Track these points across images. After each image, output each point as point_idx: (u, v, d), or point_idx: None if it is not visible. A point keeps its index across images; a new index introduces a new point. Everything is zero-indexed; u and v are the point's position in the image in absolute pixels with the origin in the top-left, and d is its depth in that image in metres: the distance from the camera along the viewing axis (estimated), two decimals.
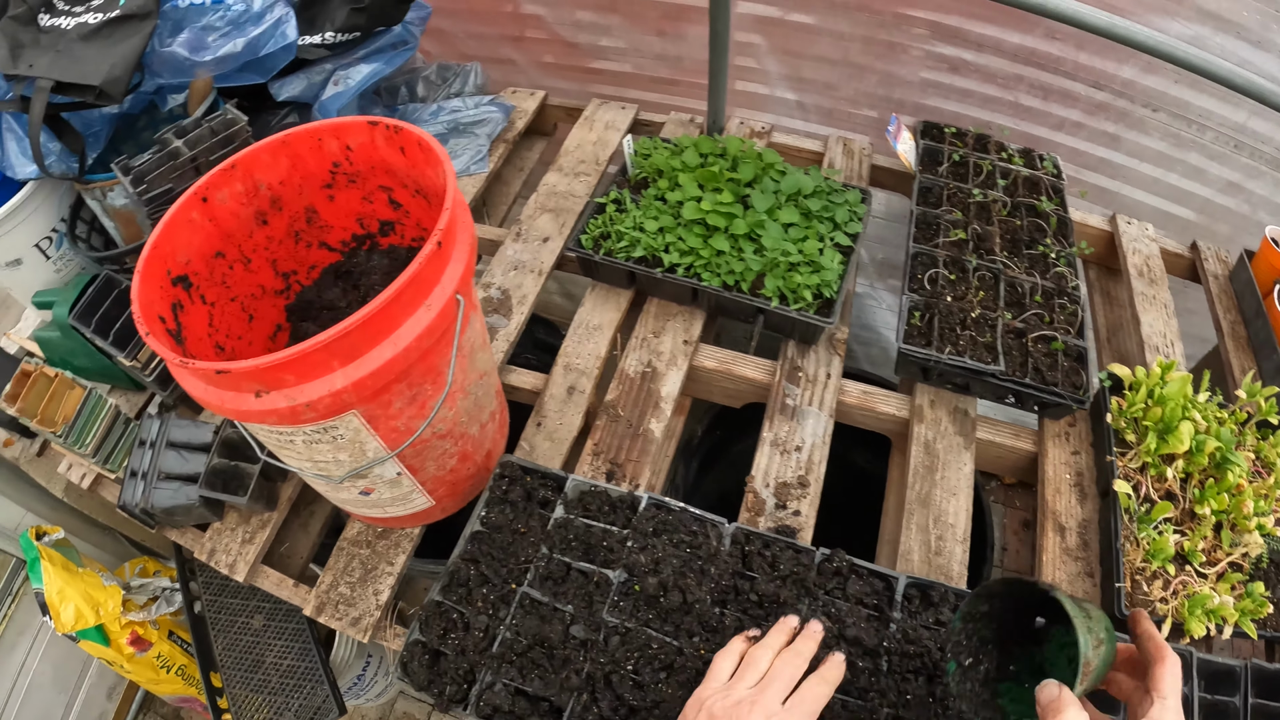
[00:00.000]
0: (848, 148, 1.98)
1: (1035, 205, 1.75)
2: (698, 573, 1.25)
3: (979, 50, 1.83)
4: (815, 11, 1.88)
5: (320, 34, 1.82)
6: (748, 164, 1.68)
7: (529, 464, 1.40)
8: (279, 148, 1.23)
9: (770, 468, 1.49)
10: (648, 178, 1.76)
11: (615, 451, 1.51)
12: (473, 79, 2.09)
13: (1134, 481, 1.51)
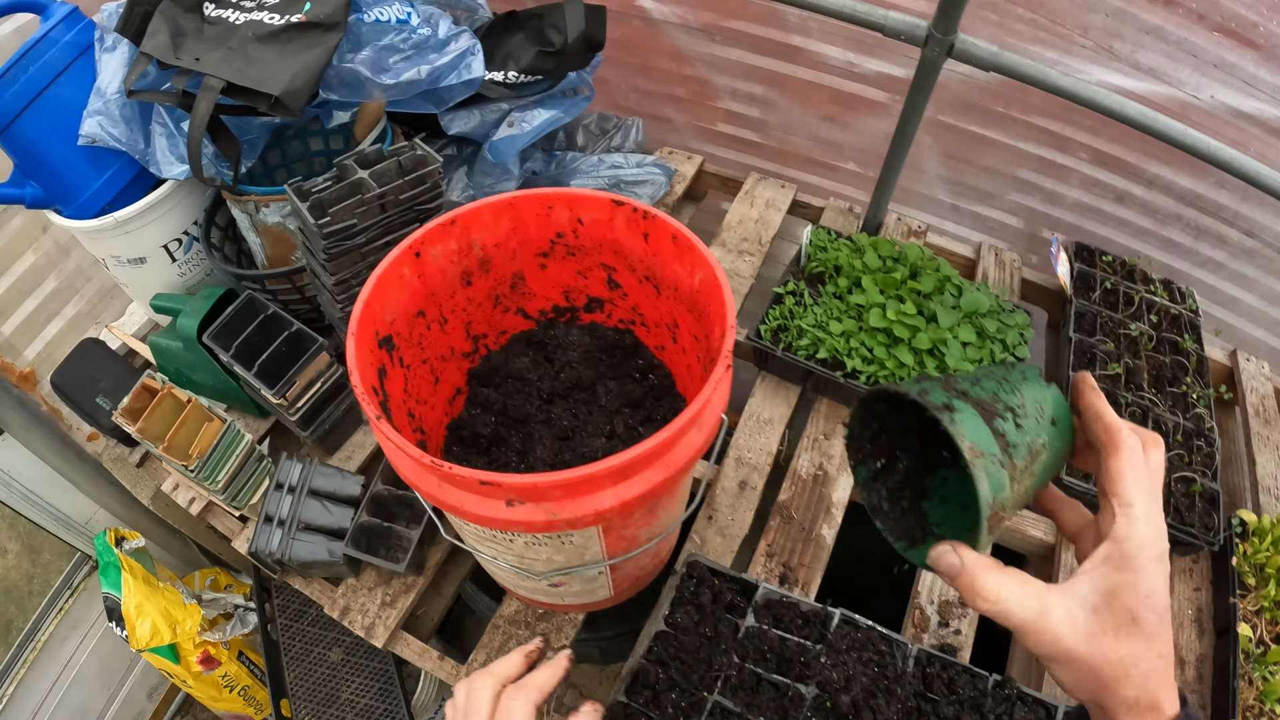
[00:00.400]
0: (999, 258, 2.03)
1: (1178, 343, 1.85)
2: (885, 693, 1.28)
3: (1149, 187, 1.91)
4: (989, 123, 1.93)
5: (502, 72, 1.78)
6: (928, 276, 1.74)
7: (717, 566, 1.40)
8: (503, 209, 1.20)
9: (934, 586, 1.53)
10: (824, 272, 1.81)
11: (788, 554, 1.52)
12: (634, 134, 2.07)
13: (1251, 623, 1.64)
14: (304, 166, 1.86)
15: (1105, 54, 1.68)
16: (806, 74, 2.01)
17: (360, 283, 1.43)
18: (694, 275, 1.13)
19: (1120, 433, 0.66)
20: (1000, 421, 0.65)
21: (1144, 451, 0.66)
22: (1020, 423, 0.66)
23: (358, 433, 1.68)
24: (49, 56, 1.51)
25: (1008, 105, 1.87)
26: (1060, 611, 0.62)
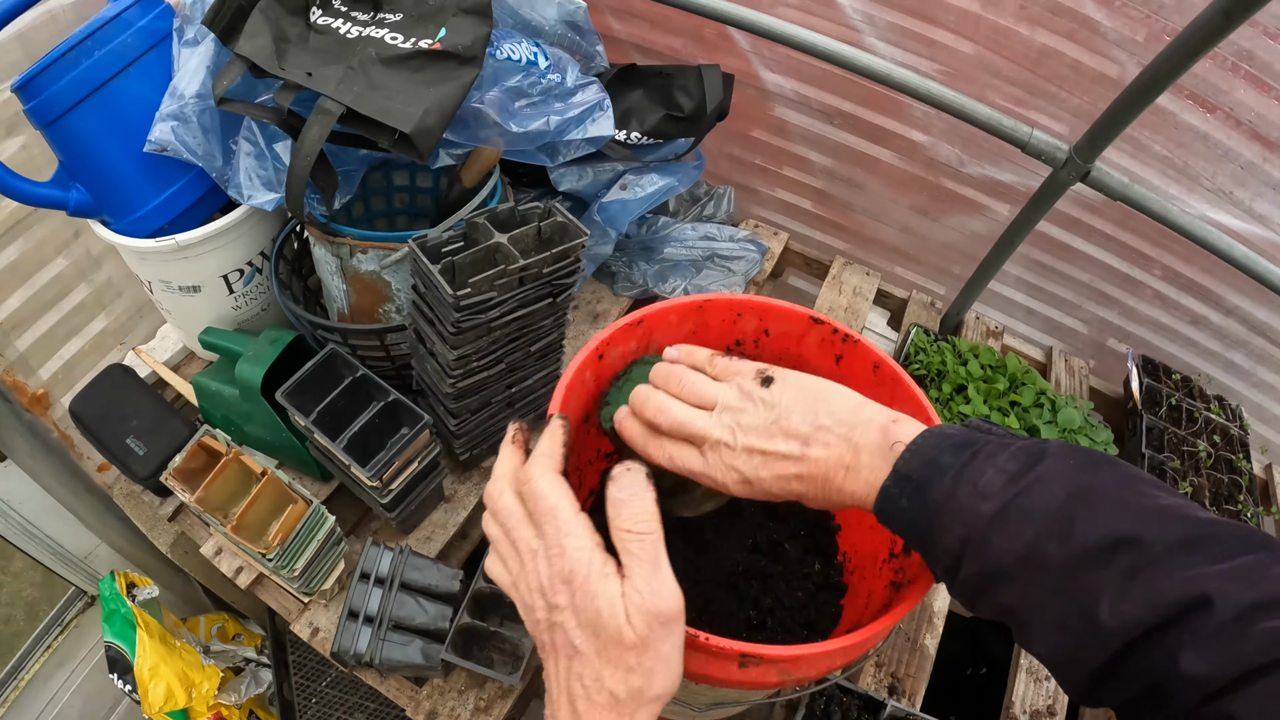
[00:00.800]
0: (1069, 365, 1.99)
1: (1233, 461, 1.92)
2: None
3: (1226, 315, 1.97)
4: (1074, 231, 1.95)
5: (624, 131, 1.62)
6: (1028, 390, 1.72)
7: (843, 683, 1.31)
8: (692, 312, 1.09)
9: (1026, 695, 1.47)
10: (926, 375, 1.76)
11: (895, 665, 1.44)
12: (725, 204, 1.94)
13: None
14: (382, 201, 1.62)
15: (1225, 198, 1.74)
16: (908, 165, 1.93)
17: (482, 357, 1.27)
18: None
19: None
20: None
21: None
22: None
23: (438, 511, 1.49)
24: (119, 42, 1.25)
25: (1093, 216, 1.89)
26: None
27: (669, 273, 1.78)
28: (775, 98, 1.95)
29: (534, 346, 1.35)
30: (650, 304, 1.07)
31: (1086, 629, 0.53)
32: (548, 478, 0.67)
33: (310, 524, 1.26)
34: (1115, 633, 0.52)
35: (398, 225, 1.66)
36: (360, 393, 1.32)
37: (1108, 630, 0.52)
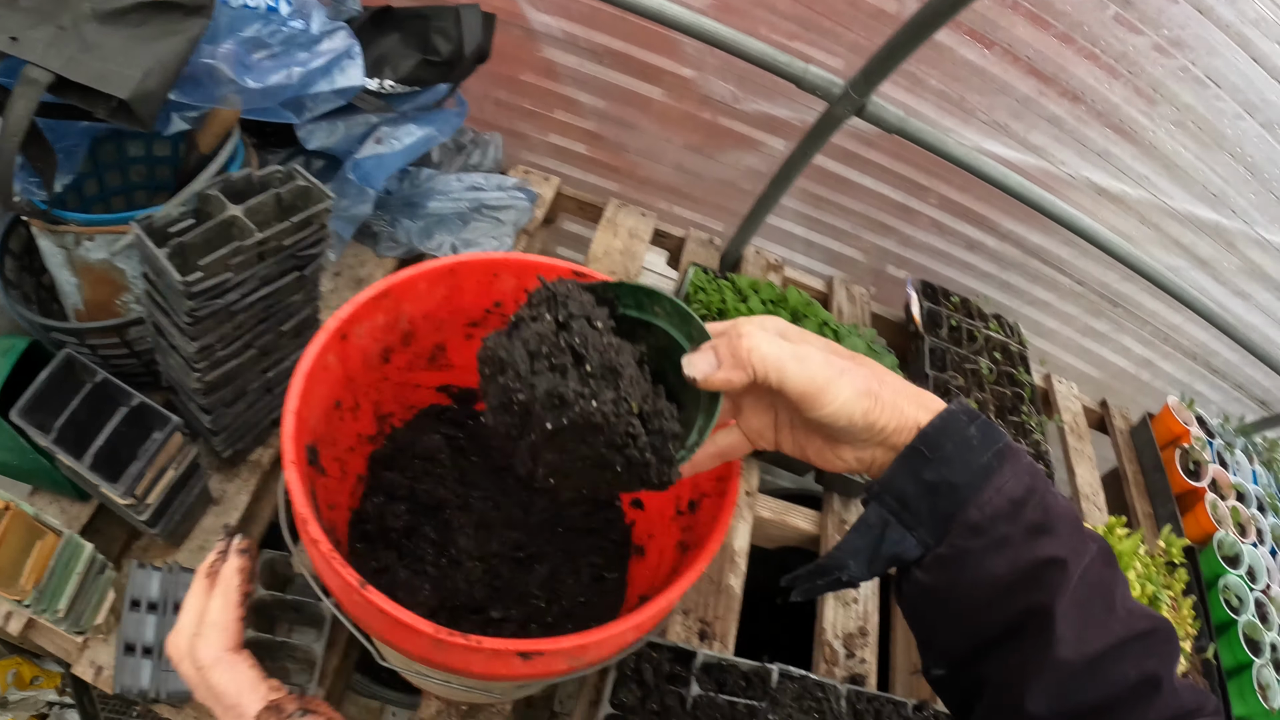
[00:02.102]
0: (850, 293, 2.10)
1: (1014, 375, 2.02)
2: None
3: (1001, 239, 2.07)
4: (851, 165, 2.00)
5: (376, 80, 1.54)
6: (809, 322, 1.76)
7: (652, 638, 1.33)
8: (443, 277, 1.04)
9: (836, 619, 1.57)
10: (706, 315, 1.76)
11: (703, 610, 1.48)
12: (492, 151, 1.89)
13: None
14: (118, 176, 1.48)
15: (999, 130, 1.81)
16: (682, 104, 1.97)
17: (227, 345, 1.17)
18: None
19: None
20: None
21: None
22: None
23: (207, 516, 1.40)
24: None
25: (871, 150, 1.96)
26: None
27: (434, 229, 1.71)
28: (543, 38, 1.95)
29: (285, 326, 1.25)
30: (402, 269, 1.03)
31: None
32: (222, 668, 0.72)
33: (65, 557, 1.15)
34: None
35: (136, 202, 1.51)
36: (103, 400, 1.19)
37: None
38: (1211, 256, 2.15)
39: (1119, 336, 2.49)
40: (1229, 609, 2.05)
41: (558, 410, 0.66)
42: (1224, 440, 2.36)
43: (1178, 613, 1.94)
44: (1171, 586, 2.03)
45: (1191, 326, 2.40)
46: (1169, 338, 2.46)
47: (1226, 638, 2.04)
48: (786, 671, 1.37)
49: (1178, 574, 2.03)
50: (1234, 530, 2.16)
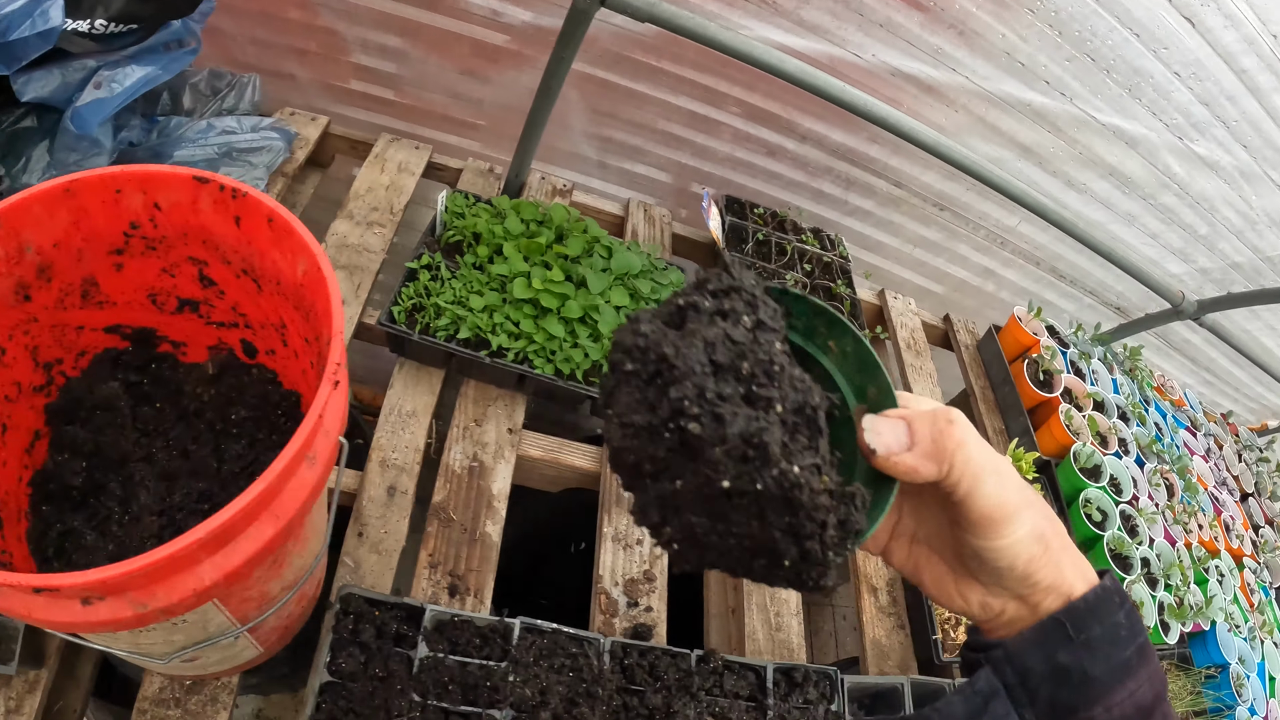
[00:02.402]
0: (649, 214, 1.96)
1: (831, 288, 1.86)
2: (587, 697, 1.17)
3: (801, 141, 1.91)
4: (640, 78, 1.83)
5: (88, 20, 1.41)
6: (576, 238, 1.58)
7: (374, 595, 1.19)
8: (60, 198, 0.91)
9: (616, 565, 1.42)
10: (463, 241, 1.59)
11: (454, 562, 1.33)
12: (249, 93, 1.74)
13: None
14: None
15: (769, 9, 1.63)
16: (447, 23, 1.80)
17: None
18: (296, 266, 0.92)
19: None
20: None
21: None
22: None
23: None
24: None
25: (659, 58, 1.79)
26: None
27: None
28: None
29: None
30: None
31: None
32: None
33: None
34: None
35: None
36: None
37: None
38: (1035, 142, 2.00)
39: (953, 245, 2.36)
40: (1091, 524, 1.89)
41: (750, 466, 0.47)
42: (1080, 350, 2.22)
43: None
44: None
45: (1029, 228, 2.27)
46: (1006, 241, 2.32)
47: (1091, 555, 1.89)
48: (532, 626, 1.22)
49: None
50: (1093, 441, 2.01)
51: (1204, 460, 2.39)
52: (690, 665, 1.27)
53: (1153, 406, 2.37)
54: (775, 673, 1.32)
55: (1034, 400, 2.04)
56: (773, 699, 1.28)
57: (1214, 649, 2.00)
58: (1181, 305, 2.08)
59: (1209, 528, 2.20)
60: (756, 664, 1.32)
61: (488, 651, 1.19)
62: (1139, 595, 1.84)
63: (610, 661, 1.23)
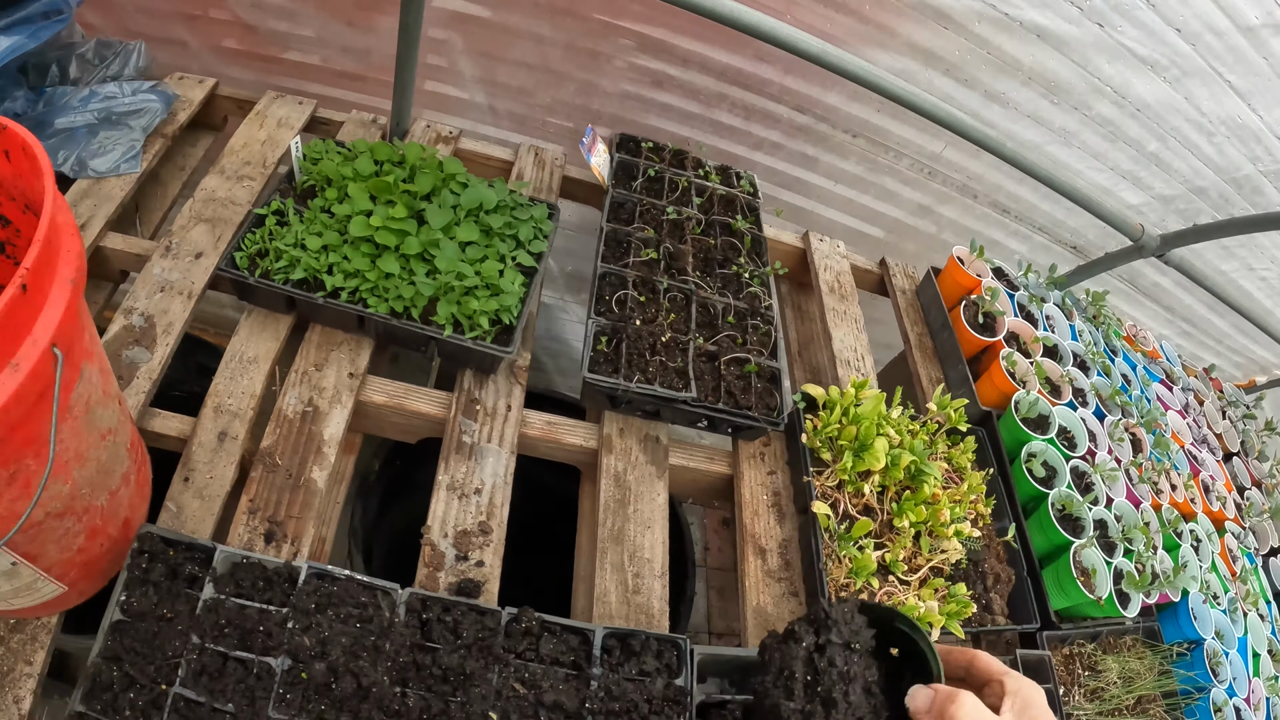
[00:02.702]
0: (539, 157, 1.87)
1: (730, 224, 1.73)
2: (372, 651, 1.08)
3: (684, 66, 1.79)
4: (517, 12, 1.74)
5: None
6: (426, 174, 1.50)
7: (171, 534, 1.14)
8: None
9: (448, 515, 1.33)
10: (316, 186, 1.53)
11: (274, 508, 1.27)
12: (135, 60, 1.75)
13: (832, 499, 1.51)
14: None
15: None
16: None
17: None
18: (41, 191, 0.84)
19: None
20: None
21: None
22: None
23: None
24: None
25: None
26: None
27: (59, 147, 1.60)
28: None
29: None
30: None
31: None
32: None
33: None
34: None
35: None
36: None
37: None
38: (940, 47, 1.80)
39: (878, 178, 2.17)
40: (1035, 481, 1.71)
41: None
42: (1032, 294, 2.02)
43: (960, 486, 1.62)
44: (953, 457, 1.70)
45: (956, 154, 2.06)
46: (935, 171, 2.11)
47: (1034, 519, 1.70)
48: (323, 572, 1.14)
49: (964, 443, 1.71)
50: (1042, 390, 1.82)
51: (1181, 416, 2.15)
52: (499, 624, 1.15)
53: (1120, 357, 2.14)
54: (607, 638, 1.19)
55: (974, 346, 1.86)
56: (599, 668, 1.15)
57: (1186, 623, 1.78)
58: (1142, 240, 1.86)
59: (1184, 488, 1.97)
60: (584, 627, 1.19)
61: (270, 596, 1.12)
62: (1090, 561, 1.65)
63: (407, 615, 1.14)
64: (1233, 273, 2.49)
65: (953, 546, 1.53)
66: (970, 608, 1.45)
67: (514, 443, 1.43)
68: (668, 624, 1.35)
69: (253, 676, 1.05)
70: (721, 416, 1.47)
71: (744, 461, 1.56)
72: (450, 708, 1.09)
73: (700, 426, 1.53)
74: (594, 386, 1.43)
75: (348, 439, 1.48)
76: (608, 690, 1.14)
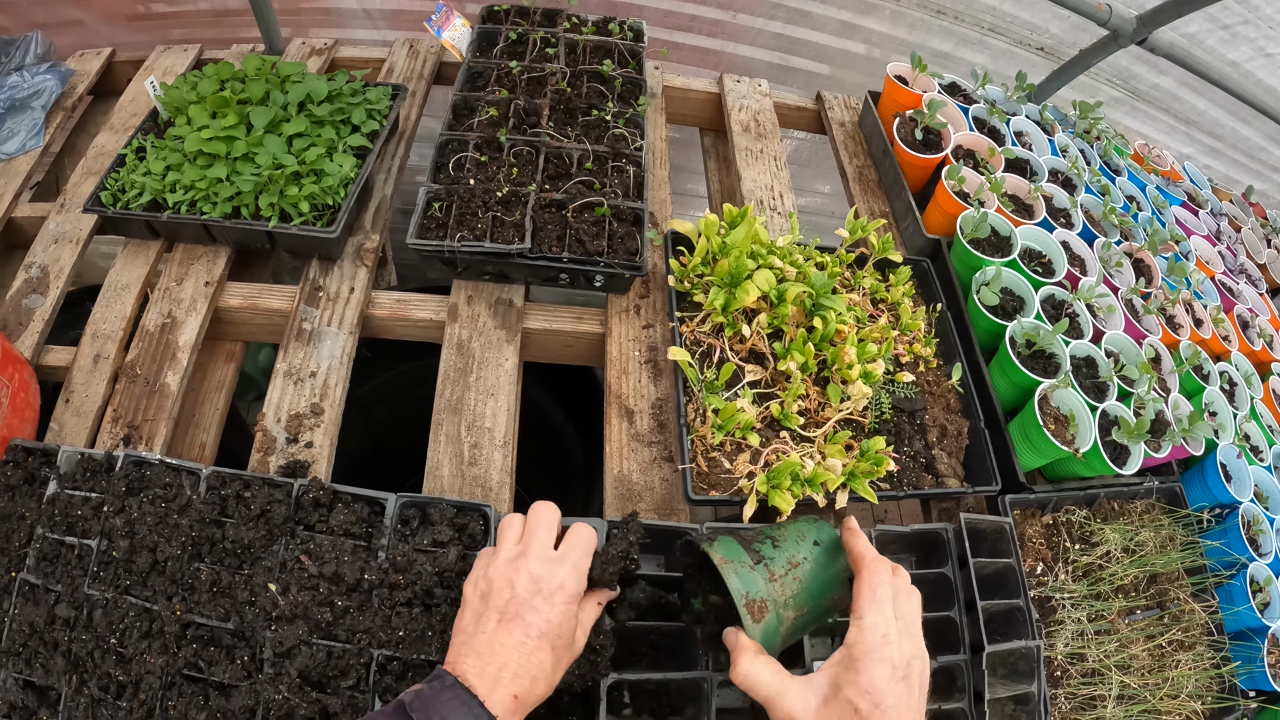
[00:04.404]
0: (413, 49, 1.81)
1: (599, 71, 1.59)
2: (171, 528, 1.11)
3: None
4: None
5: None
6: (256, 82, 1.50)
7: (30, 444, 1.24)
8: None
9: (282, 401, 1.33)
10: (173, 118, 1.57)
11: (133, 414, 1.33)
12: (34, 48, 1.87)
13: (706, 346, 1.35)
14: None
15: None
16: None
17: None
18: None
19: (863, 559, 0.86)
20: (758, 544, 0.93)
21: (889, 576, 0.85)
22: (778, 544, 0.93)
23: None
24: None
25: None
26: (794, 695, 0.81)
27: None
28: None
29: None
30: None
31: None
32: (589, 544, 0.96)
33: None
34: None
35: None
36: None
37: None
38: None
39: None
40: (989, 313, 1.43)
41: None
42: (996, 107, 1.69)
43: (878, 323, 1.39)
44: (876, 292, 1.47)
45: None
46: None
47: (996, 358, 1.43)
48: (139, 459, 1.18)
49: (896, 274, 1.47)
50: (1005, 210, 1.53)
51: (1209, 242, 1.74)
52: (290, 496, 1.13)
53: (1125, 177, 1.76)
54: (405, 507, 1.14)
55: (919, 169, 1.60)
56: (388, 538, 1.11)
57: (1215, 482, 1.43)
58: (1110, 21, 1.50)
59: (1213, 323, 1.59)
60: (378, 496, 1.14)
61: (94, 485, 1.18)
62: (1067, 406, 1.36)
63: (208, 493, 1.15)
64: (1246, 63, 1.97)
65: (858, 391, 1.31)
66: (885, 464, 1.23)
67: (354, 323, 1.40)
68: (508, 496, 1.26)
69: (76, 558, 1.13)
70: (568, 267, 1.35)
71: (614, 317, 1.43)
72: (237, 580, 1.09)
73: (562, 283, 1.41)
74: (422, 252, 1.36)
75: (228, 348, 1.53)
76: (393, 561, 1.09)
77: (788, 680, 0.83)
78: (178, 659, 1.05)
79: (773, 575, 0.89)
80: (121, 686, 1.04)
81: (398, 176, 1.60)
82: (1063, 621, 1.30)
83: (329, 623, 1.06)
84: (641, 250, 1.38)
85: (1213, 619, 1.37)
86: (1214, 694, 1.34)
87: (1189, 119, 2.26)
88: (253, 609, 1.06)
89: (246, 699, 1.01)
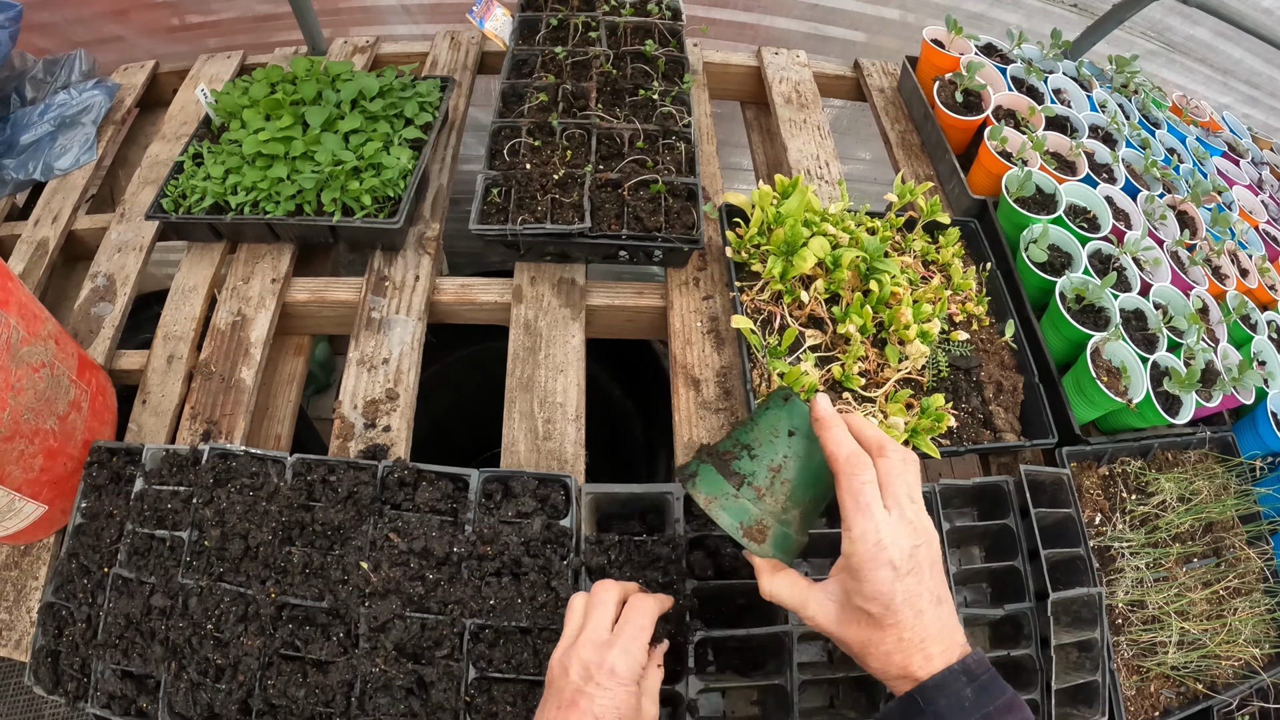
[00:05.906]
0: (455, 41, 1.84)
1: (642, 51, 1.61)
2: (260, 515, 1.15)
3: None
4: None
5: None
6: (307, 83, 1.53)
7: (114, 445, 1.28)
8: None
9: (357, 388, 1.37)
10: (226, 123, 1.60)
11: (210, 410, 1.37)
12: (78, 66, 1.91)
13: (766, 313, 1.37)
14: None
15: None
16: None
17: None
18: None
19: (836, 462, 0.84)
20: (736, 462, 0.89)
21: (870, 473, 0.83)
22: (754, 453, 0.89)
23: None
24: None
25: None
26: (815, 605, 0.86)
27: (29, 159, 1.79)
28: None
29: None
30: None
31: None
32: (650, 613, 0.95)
33: None
34: None
35: None
36: None
37: None
38: None
39: None
40: (1038, 270, 1.45)
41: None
42: (1034, 66, 1.69)
43: (932, 283, 1.41)
44: (928, 253, 1.49)
45: None
46: None
47: (1050, 314, 1.44)
48: (224, 451, 1.22)
49: (945, 236, 1.48)
50: (1048, 167, 1.54)
51: (1252, 192, 1.74)
52: (375, 478, 1.17)
53: (1165, 129, 1.76)
54: (488, 482, 1.18)
55: (961, 131, 1.61)
56: (473, 512, 1.15)
57: (1267, 429, 1.44)
58: None
59: (1258, 273, 1.60)
60: (461, 473, 1.18)
61: (181, 479, 1.22)
62: (1119, 358, 1.37)
63: (294, 479, 1.19)
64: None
65: (916, 350, 1.33)
66: (945, 421, 1.25)
67: (421, 309, 1.44)
68: (583, 468, 1.29)
69: (167, 550, 1.17)
70: (628, 244, 1.38)
71: (674, 290, 1.46)
72: (328, 560, 1.13)
73: (622, 260, 1.44)
74: (486, 238, 1.39)
75: (296, 342, 1.57)
76: (479, 534, 1.12)
77: (806, 591, 0.87)
78: (274, 640, 1.09)
79: (759, 492, 0.87)
80: (220, 669, 1.09)
81: (452, 166, 1.63)
82: (1122, 570, 1.31)
83: (421, 596, 1.10)
84: (698, 224, 1.41)
85: (1267, 565, 1.38)
86: (1271, 639, 1.35)
87: (1225, 68, 2.26)
88: (345, 587, 1.10)
89: (344, 673, 1.06)
